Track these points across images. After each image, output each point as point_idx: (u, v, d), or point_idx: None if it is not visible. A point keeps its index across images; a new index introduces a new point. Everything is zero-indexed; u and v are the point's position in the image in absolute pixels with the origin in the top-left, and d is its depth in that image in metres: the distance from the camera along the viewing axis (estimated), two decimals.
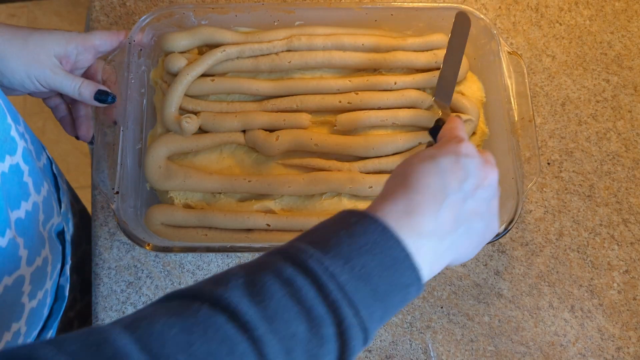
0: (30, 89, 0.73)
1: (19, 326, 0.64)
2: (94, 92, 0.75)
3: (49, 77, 0.72)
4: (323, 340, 0.45)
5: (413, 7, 0.86)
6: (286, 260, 0.47)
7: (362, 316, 0.47)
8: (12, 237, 0.60)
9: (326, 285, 0.46)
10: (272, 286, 0.45)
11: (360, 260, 0.48)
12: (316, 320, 0.45)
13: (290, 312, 0.45)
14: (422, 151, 0.58)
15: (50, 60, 0.72)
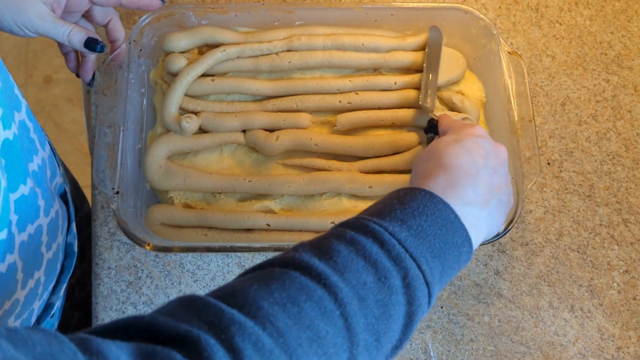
0: (20, 34, 0.72)
1: (39, 275, 0.66)
2: (83, 40, 0.73)
3: (36, 24, 0.71)
4: (391, 290, 0.48)
5: (413, 7, 0.86)
6: (347, 227, 0.51)
7: (424, 270, 0.50)
8: (32, 186, 0.62)
9: (388, 241, 0.50)
10: (337, 246, 0.49)
11: (415, 221, 0.52)
12: (383, 271, 0.48)
13: (358, 264, 0.48)
14: (442, 138, 0.64)
15: (37, 6, 0.71)
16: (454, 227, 0.54)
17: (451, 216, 0.54)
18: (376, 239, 0.50)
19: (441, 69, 0.85)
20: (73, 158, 1.84)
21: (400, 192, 0.55)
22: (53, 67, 1.98)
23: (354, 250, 0.49)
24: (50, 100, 1.93)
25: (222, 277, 0.81)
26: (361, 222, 0.52)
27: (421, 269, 0.50)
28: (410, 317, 0.50)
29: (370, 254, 0.49)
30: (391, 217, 0.52)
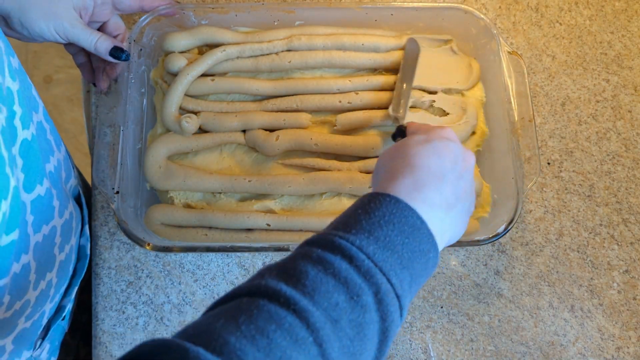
0: (50, 39, 0.74)
1: (51, 276, 0.67)
2: (109, 48, 0.76)
3: (67, 30, 0.73)
4: (364, 308, 0.46)
5: (413, 7, 0.86)
6: (312, 245, 0.49)
7: (394, 283, 0.49)
8: (48, 186, 0.62)
9: (357, 256, 0.48)
10: (304, 267, 0.47)
11: (382, 232, 0.50)
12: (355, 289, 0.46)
13: (328, 284, 0.46)
14: (412, 136, 0.62)
15: (69, 12, 0.73)
16: (421, 233, 0.52)
17: (417, 222, 0.52)
18: (344, 255, 0.48)
19: (453, 76, 0.85)
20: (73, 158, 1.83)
21: (365, 200, 0.53)
22: (53, 67, 1.98)
23: (323, 269, 0.47)
24: (50, 100, 1.93)
25: (222, 277, 0.81)
26: (327, 239, 0.49)
27: (391, 283, 0.48)
28: (385, 334, 0.48)
29: (340, 272, 0.47)
30: (357, 229, 0.50)
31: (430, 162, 0.58)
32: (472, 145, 0.84)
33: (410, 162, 0.58)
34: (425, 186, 0.56)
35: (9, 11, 0.70)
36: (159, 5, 0.82)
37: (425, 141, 0.60)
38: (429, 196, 0.55)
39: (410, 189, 0.55)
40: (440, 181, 0.57)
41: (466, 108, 0.84)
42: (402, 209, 0.52)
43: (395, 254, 0.50)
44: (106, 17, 0.79)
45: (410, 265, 0.51)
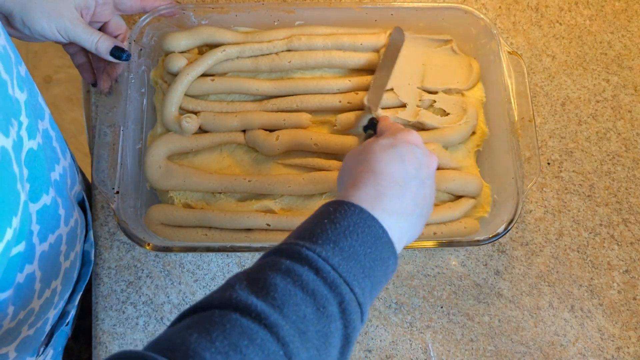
0: (51, 38, 0.74)
1: (56, 284, 0.67)
2: (110, 48, 0.76)
3: (68, 29, 0.73)
4: (330, 318, 0.48)
5: (413, 7, 0.86)
6: (281, 256, 0.51)
7: (357, 292, 0.51)
8: (53, 195, 0.62)
9: (323, 268, 0.49)
10: (274, 279, 0.48)
11: (347, 242, 0.52)
12: (321, 300, 0.48)
13: (296, 297, 0.47)
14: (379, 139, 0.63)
15: (71, 12, 0.73)
16: (382, 242, 0.54)
17: (379, 231, 0.54)
18: (311, 266, 0.49)
19: (452, 77, 0.85)
20: None
21: (330, 208, 0.55)
22: (53, 67, 1.98)
23: (291, 281, 0.48)
24: (50, 100, 1.93)
25: (222, 277, 0.81)
26: (294, 249, 0.51)
27: (354, 292, 0.50)
28: (347, 340, 0.50)
29: (308, 284, 0.48)
30: (323, 239, 0.51)
31: (393, 168, 0.59)
32: (472, 145, 0.84)
33: (373, 168, 0.59)
34: (386, 195, 0.57)
35: (12, 9, 0.70)
36: (159, 6, 0.82)
37: (390, 146, 0.61)
38: (390, 204, 0.57)
39: (372, 197, 0.57)
40: (401, 189, 0.58)
41: (466, 108, 0.84)
42: (366, 219, 0.54)
43: (358, 263, 0.51)
44: (107, 17, 0.80)
45: (372, 273, 0.53)
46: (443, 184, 0.80)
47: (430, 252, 0.83)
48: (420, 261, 0.83)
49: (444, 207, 0.80)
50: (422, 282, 0.82)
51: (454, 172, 0.81)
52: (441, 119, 0.83)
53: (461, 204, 0.80)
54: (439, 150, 0.81)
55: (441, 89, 0.85)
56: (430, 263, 0.82)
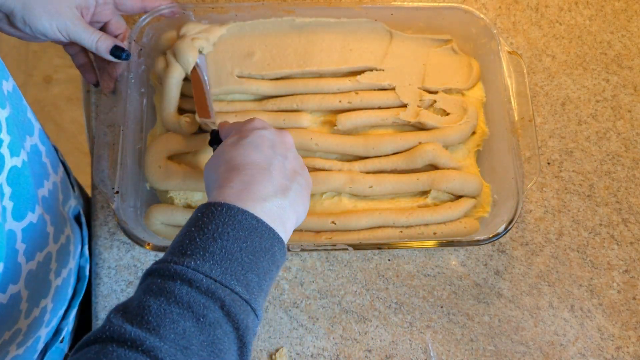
0: (52, 37, 0.74)
1: (46, 302, 0.66)
2: (110, 47, 0.76)
3: (69, 28, 0.73)
4: (214, 325, 0.47)
5: (413, 6, 0.86)
6: (153, 276, 0.50)
7: (239, 291, 0.50)
8: (41, 213, 0.62)
9: (194, 278, 0.48)
10: (147, 302, 0.47)
11: (217, 245, 0.51)
12: (199, 310, 0.47)
13: (172, 314, 0.46)
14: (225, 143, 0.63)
15: (71, 11, 0.73)
16: (259, 232, 0.53)
17: (253, 222, 0.53)
18: (183, 280, 0.48)
19: (453, 77, 0.85)
20: (73, 158, 1.83)
21: (199, 214, 0.54)
22: (53, 67, 1.97)
23: (165, 300, 0.47)
24: (50, 100, 1.93)
25: None
26: (164, 267, 0.50)
27: (235, 292, 0.49)
28: (242, 340, 0.49)
29: (182, 298, 0.47)
30: (192, 249, 0.51)
31: (252, 157, 0.59)
32: (472, 145, 0.84)
33: (233, 164, 0.59)
34: (254, 182, 0.57)
35: (13, 8, 0.70)
36: (159, 5, 0.82)
37: (239, 140, 0.61)
38: (261, 190, 0.56)
39: (239, 190, 0.56)
40: (267, 172, 0.58)
41: (467, 108, 0.84)
42: (234, 215, 0.52)
43: (234, 262, 0.50)
44: (108, 17, 0.79)
45: (255, 266, 0.52)
46: (443, 184, 0.80)
47: (430, 252, 0.83)
48: (420, 261, 0.83)
49: (444, 207, 0.80)
50: (422, 282, 0.82)
51: (454, 172, 0.81)
52: (441, 119, 0.83)
53: (461, 204, 0.80)
54: (439, 150, 0.81)
55: (441, 89, 0.85)
56: (430, 263, 0.82)
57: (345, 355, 0.78)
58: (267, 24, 0.87)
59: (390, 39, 0.87)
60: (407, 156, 0.82)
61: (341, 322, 0.79)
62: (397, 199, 0.82)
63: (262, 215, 0.54)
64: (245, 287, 0.50)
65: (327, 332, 0.79)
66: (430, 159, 0.81)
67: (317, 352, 0.78)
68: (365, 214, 0.79)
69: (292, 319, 0.79)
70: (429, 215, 0.79)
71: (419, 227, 0.79)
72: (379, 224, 0.79)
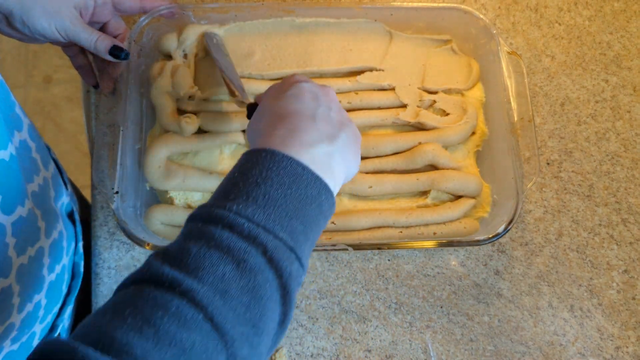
0: (50, 38, 0.74)
1: (39, 298, 0.66)
2: (109, 47, 0.76)
3: (68, 28, 0.73)
4: (254, 271, 0.46)
5: (413, 6, 0.87)
6: (194, 221, 0.49)
7: (282, 237, 0.48)
8: (31, 207, 0.61)
9: (235, 222, 0.47)
10: (186, 245, 0.46)
11: (260, 191, 0.49)
12: (239, 254, 0.46)
13: (212, 258, 0.45)
14: (266, 97, 0.63)
15: (70, 12, 0.73)
16: (305, 179, 0.51)
17: (298, 169, 0.51)
18: (224, 224, 0.47)
19: (452, 77, 0.85)
20: (73, 158, 1.84)
21: (242, 160, 0.53)
22: (53, 67, 1.98)
23: (205, 243, 0.46)
24: (50, 100, 1.93)
25: None
26: (205, 212, 0.49)
27: (279, 238, 0.48)
28: (285, 289, 0.48)
29: (222, 242, 0.46)
30: (235, 194, 0.49)
31: (295, 106, 0.58)
32: (472, 145, 0.84)
33: (277, 114, 0.58)
34: (299, 129, 0.55)
35: (12, 9, 0.70)
36: (159, 6, 0.82)
37: (280, 92, 0.61)
38: (307, 135, 0.55)
39: (284, 136, 0.54)
40: (312, 120, 0.57)
41: (466, 108, 0.84)
42: (279, 161, 0.51)
43: (278, 208, 0.49)
44: (106, 17, 0.80)
45: (300, 214, 0.50)
46: (443, 184, 0.80)
47: (430, 252, 0.83)
48: (420, 261, 0.83)
49: (444, 207, 0.80)
50: (422, 282, 0.82)
51: (454, 172, 0.81)
52: (441, 119, 0.83)
53: (461, 204, 0.80)
54: (439, 150, 0.81)
55: (441, 89, 0.86)
56: (430, 263, 0.83)
57: (345, 355, 0.78)
58: (267, 24, 0.87)
59: (390, 39, 0.88)
60: (407, 156, 0.82)
61: (341, 322, 0.79)
62: (397, 199, 0.82)
63: (309, 162, 0.53)
64: (289, 234, 0.49)
65: (327, 332, 0.79)
66: (430, 159, 0.81)
67: (317, 352, 0.78)
68: (365, 214, 0.79)
69: (292, 319, 0.79)
70: (429, 215, 0.79)
71: (418, 227, 0.79)
72: (379, 224, 0.79)
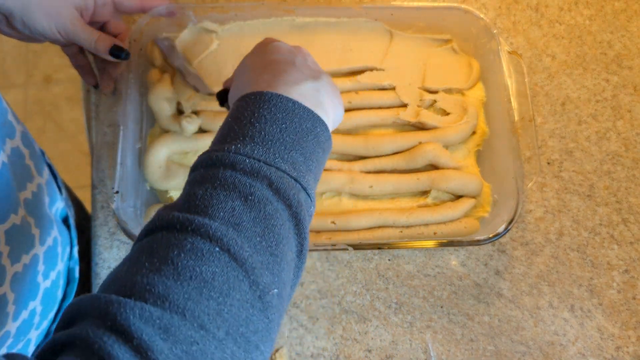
0: (50, 38, 0.74)
1: (35, 305, 0.66)
2: (109, 47, 0.76)
3: (68, 29, 0.73)
4: (263, 203, 0.47)
5: (413, 6, 0.87)
6: (196, 169, 0.50)
7: (285, 169, 0.49)
8: (24, 215, 0.61)
9: (236, 160, 0.48)
10: (192, 190, 0.48)
11: (255, 129, 0.51)
12: (245, 189, 0.47)
13: (219, 196, 0.46)
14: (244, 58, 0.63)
15: (70, 12, 0.73)
16: (297, 114, 0.53)
17: (289, 104, 0.53)
18: (225, 164, 0.48)
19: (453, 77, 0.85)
20: (73, 158, 1.84)
21: (234, 106, 0.54)
22: (53, 66, 1.98)
23: (210, 186, 0.47)
24: (50, 99, 1.93)
25: None
26: (205, 158, 0.50)
27: (282, 170, 0.49)
28: (297, 217, 0.49)
29: (226, 180, 0.47)
30: (232, 137, 0.51)
31: (275, 56, 0.59)
32: (472, 144, 0.84)
33: (256, 66, 0.59)
34: (283, 70, 0.56)
35: (12, 9, 0.70)
36: (159, 5, 0.82)
37: (258, 50, 0.62)
38: (291, 75, 0.56)
39: (270, 81, 0.55)
40: (293, 64, 0.58)
41: (467, 108, 0.84)
42: (269, 100, 0.52)
43: (276, 142, 0.50)
44: (107, 17, 0.79)
45: (299, 146, 0.51)
46: (443, 184, 0.80)
47: (430, 252, 0.83)
48: (420, 261, 0.83)
49: (444, 206, 0.80)
50: (422, 282, 0.82)
51: (454, 171, 0.81)
52: (442, 119, 0.83)
53: (461, 204, 0.80)
54: (439, 149, 0.81)
55: (441, 89, 0.86)
56: (430, 263, 0.82)
57: (345, 355, 0.78)
58: (267, 24, 0.87)
59: (391, 39, 0.88)
60: (407, 156, 0.82)
61: (341, 322, 0.79)
62: (397, 199, 0.82)
63: (298, 97, 0.54)
64: (291, 165, 0.50)
65: (327, 332, 0.79)
66: (431, 158, 0.81)
67: (317, 352, 0.78)
68: (365, 214, 0.79)
69: (292, 319, 0.79)
70: (429, 215, 0.79)
71: (419, 227, 0.79)
72: (379, 224, 0.79)
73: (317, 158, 0.53)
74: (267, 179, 0.48)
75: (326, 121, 0.55)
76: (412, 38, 0.88)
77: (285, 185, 0.48)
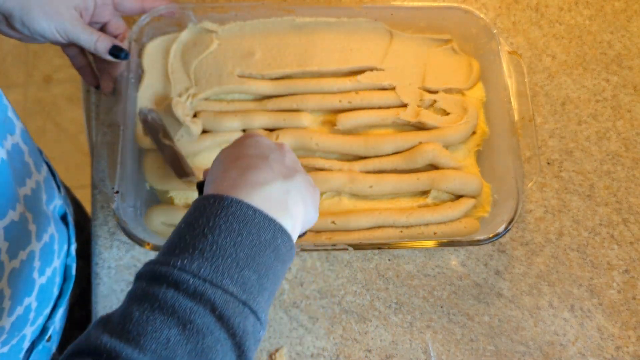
0: (50, 39, 0.75)
1: (30, 301, 0.66)
2: (109, 47, 0.76)
3: (68, 29, 0.73)
4: (202, 332, 0.43)
5: (413, 6, 0.87)
6: (139, 281, 0.46)
7: (233, 291, 0.45)
8: (22, 211, 0.61)
9: (180, 279, 0.44)
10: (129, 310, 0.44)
11: (207, 241, 0.46)
12: (185, 315, 0.43)
13: (155, 322, 0.42)
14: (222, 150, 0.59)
15: (70, 12, 0.73)
16: (257, 223, 0.48)
17: (249, 213, 0.48)
18: (168, 282, 0.44)
19: (453, 77, 0.85)
20: (73, 158, 1.84)
21: (191, 209, 0.50)
22: (53, 66, 1.98)
23: (149, 306, 0.43)
24: (50, 99, 1.93)
25: None
26: (150, 270, 0.46)
27: (229, 292, 0.44)
28: (240, 348, 0.44)
29: (166, 303, 0.43)
30: (180, 248, 0.46)
31: (249, 151, 0.55)
32: (472, 144, 0.84)
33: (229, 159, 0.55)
34: (252, 166, 0.52)
35: (12, 10, 0.70)
36: (159, 5, 0.82)
37: (235, 143, 0.58)
38: (260, 173, 0.52)
39: (235, 179, 0.51)
40: (265, 160, 0.54)
41: (467, 108, 0.84)
42: (228, 206, 0.48)
43: (227, 258, 0.45)
44: (107, 17, 0.79)
45: (253, 262, 0.47)
46: (443, 184, 0.80)
47: (430, 252, 0.83)
48: (420, 261, 0.83)
49: (444, 206, 0.80)
50: (422, 282, 0.82)
51: (454, 171, 0.81)
52: (442, 119, 0.83)
53: (461, 204, 0.80)
54: (439, 149, 0.81)
55: (442, 89, 0.86)
56: (430, 263, 0.82)
57: (345, 355, 0.78)
58: (267, 24, 0.87)
59: (391, 39, 0.88)
60: (407, 156, 0.82)
61: (341, 322, 0.79)
62: (397, 199, 0.82)
63: (262, 202, 0.49)
64: (241, 286, 0.45)
65: (327, 332, 0.79)
66: (431, 158, 0.81)
67: (317, 352, 0.78)
68: (365, 214, 0.79)
69: (292, 319, 0.79)
70: (429, 215, 0.79)
71: (419, 227, 0.79)
72: (379, 224, 0.79)
73: (275, 272, 0.49)
74: (210, 303, 0.43)
75: (290, 228, 0.51)
76: (412, 38, 0.88)
77: (230, 311, 0.44)
